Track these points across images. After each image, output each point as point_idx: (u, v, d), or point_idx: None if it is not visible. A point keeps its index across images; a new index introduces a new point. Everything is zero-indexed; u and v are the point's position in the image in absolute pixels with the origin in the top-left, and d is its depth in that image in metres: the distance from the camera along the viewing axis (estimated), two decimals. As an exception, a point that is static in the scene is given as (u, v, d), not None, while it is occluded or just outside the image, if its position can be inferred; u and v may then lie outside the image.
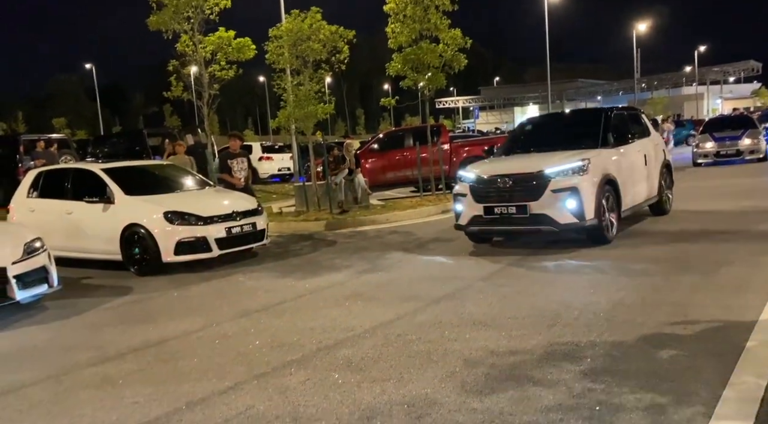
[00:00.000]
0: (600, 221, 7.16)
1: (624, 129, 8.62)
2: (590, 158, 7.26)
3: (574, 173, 7.12)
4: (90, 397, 3.98)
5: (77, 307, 6.58)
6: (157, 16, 12.74)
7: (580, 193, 6.98)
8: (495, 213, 7.36)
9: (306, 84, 12.62)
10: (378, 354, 4.29)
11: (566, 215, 7.01)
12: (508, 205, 7.25)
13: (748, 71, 69.49)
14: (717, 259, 6.26)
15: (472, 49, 14.02)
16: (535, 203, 7.08)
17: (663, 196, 9.21)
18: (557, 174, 7.13)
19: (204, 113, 13.33)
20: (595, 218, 7.07)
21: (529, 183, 7.17)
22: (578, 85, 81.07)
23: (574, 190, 6.98)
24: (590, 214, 7.03)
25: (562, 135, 8.62)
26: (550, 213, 7.04)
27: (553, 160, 7.38)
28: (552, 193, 7.04)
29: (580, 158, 7.25)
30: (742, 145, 17.82)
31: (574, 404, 3.25)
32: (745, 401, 3.12)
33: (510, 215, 7.25)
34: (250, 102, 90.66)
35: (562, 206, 7.01)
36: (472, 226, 7.64)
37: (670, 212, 9.38)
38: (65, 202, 8.87)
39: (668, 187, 9.51)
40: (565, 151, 7.68)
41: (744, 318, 4.38)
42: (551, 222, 7.05)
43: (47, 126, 63.27)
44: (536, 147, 8.37)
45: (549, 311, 4.94)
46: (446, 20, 12.82)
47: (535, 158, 7.82)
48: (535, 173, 7.21)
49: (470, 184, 7.63)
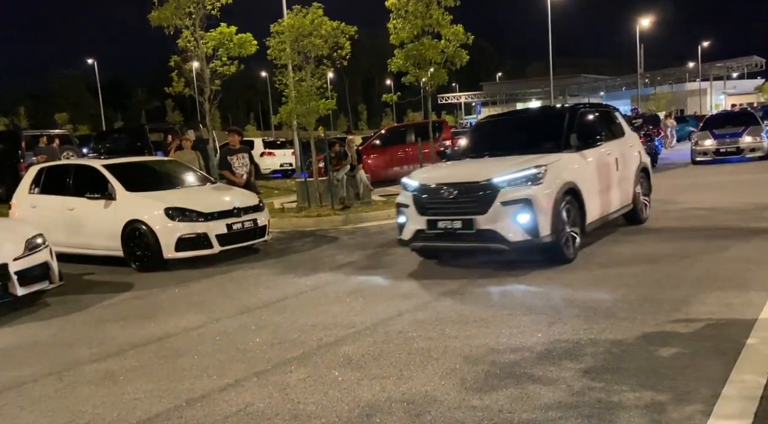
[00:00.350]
0: (558, 238, 6.24)
1: (592, 129, 7.70)
2: (547, 165, 6.37)
3: (527, 182, 6.21)
4: (91, 393, 3.99)
5: (78, 303, 6.60)
6: (159, 11, 12.74)
7: (534, 206, 6.07)
8: (438, 228, 6.44)
9: (308, 80, 12.60)
10: (378, 351, 4.29)
11: (517, 231, 6.11)
12: (452, 219, 6.36)
13: (751, 67, 69.21)
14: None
15: (474, 45, 13.97)
16: (482, 217, 6.17)
17: (639, 204, 8.31)
18: (507, 183, 6.21)
19: (205, 109, 13.34)
20: (552, 234, 6.15)
21: (476, 194, 6.26)
22: (581, 80, 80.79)
23: (526, 202, 6.07)
24: (546, 229, 6.11)
25: (522, 137, 7.69)
26: (499, 229, 6.12)
27: (503, 168, 6.46)
28: (501, 206, 6.12)
29: (534, 165, 6.34)
30: (743, 142, 17.22)
31: (574, 402, 3.25)
32: (744, 399, 3.12)
33: (455, 231, 6.35)
34: (252, 97, 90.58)
35: (513, 221, 6.10)
36: (415, 241, 6.71)
37: (647, 220, 8.52)
38: (67, 198, 8.88)
39: (645, 194, 8.61)
40: (522, 155, 6.75)
41: (744, 316, 4.38)
42: (500, 239, 6.14)
43: (49, 122, 63.32)
44: (492, 151, 7.42)
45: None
46: (448, 16, 12.78)
47: (485, 164, 6.95)
48: (482, 182, 6.28)
49: (413, 193, 6.71)
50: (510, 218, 6.11)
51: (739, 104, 44.13)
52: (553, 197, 6.21)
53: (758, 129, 17.52)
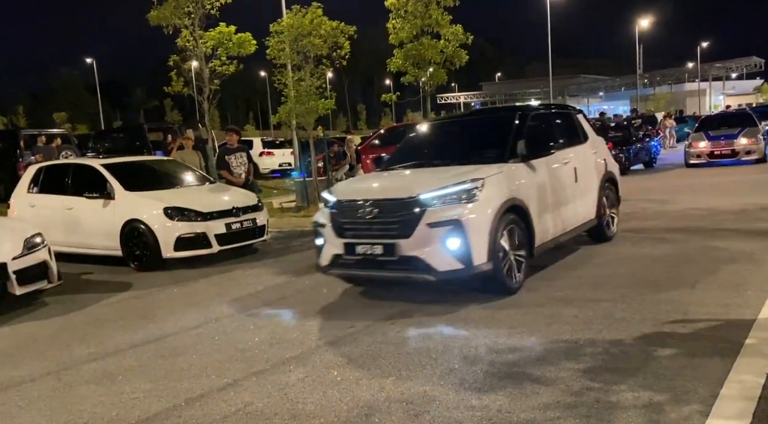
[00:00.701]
0: (497, 265, 5.26)
1: (546, 135, 6.80)
2: (484, 178, 5.37)
3: (460, 200, 5.23)
4: (89, 393, 3.99)
5: (77, 302, 6.59)
6: (158, 11, 12.75)
7: (466, 228, 5.09)
8: (357, 253, 5.46)
9: (307, 79, 12.61)
10: (377, 351, 4.29)
11: (446, 259, 5.13)
12: (372, 243, 5.37)
13: (750, 67, 69.28)
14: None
15: (474, 44, 14.00)
16: (405, 242, 5.19)
17: (604, 219, 7.38)
18: (436, 201, 5.22)
19: (204, 108, 13.34)
20: (490, 262, 5.18)
21: (399, 213, 5.27)
22: (580, 80, 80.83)
23: (456, 224, 5.10)
24: (481, 256, 5.13)
25: (464, 144, 6.75)
26: (424, 256, 5.13)
27: (433, 181, 5.47)
28: (428, 228, 5.14)
29: (468, 179, 5.35)
30: (738, 144, 16.42)
31: (572, 401, 3.26)
32: (742, 399, 3.13)
33: (375, 257, 5.37)
34: (251, 97, 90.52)
35: (441, 246, 5.12)
36: (332, 268, 5.71)
37: (614, 236, 7.59)
38: (65, 197, 8.88)
39: (612, 206, 7.66)
40: (462, 166, 5.81)
41: (743, 316, 4.39)
42: (426, 268, 5.15)
43: (48, 121, 63.28)
44: (429, 160, 6.46)
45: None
46: (447, 16, 12.81)
47: (414, 177, 6.02)
48: (406, 199, 5.28)
49: (331, 210, 5.75)
50: (438, 242, 5.13)
51: (738, 105, 44.10)
52: (491, 217, 5.23)
53: (755, 131, 16.82)
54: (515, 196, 5.59)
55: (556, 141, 6.85)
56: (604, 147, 7.95)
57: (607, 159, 7.70)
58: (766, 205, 9.28)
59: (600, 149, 7.68)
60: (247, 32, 13.17)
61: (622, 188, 8.06)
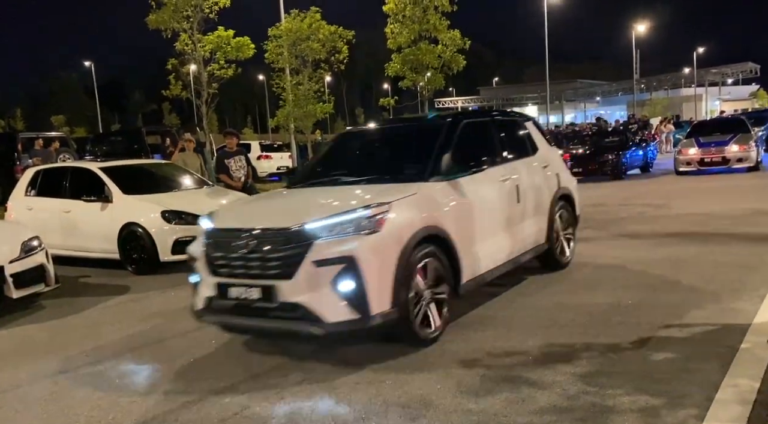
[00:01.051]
0: (404, 312, 4.17)
1: (482, 147, 5.70)
2: (391, 202, 4.30)
3: (356, 231, 4.12)
4: (86, 396, 3.99)
5: (74, 306, 6.59)
6: (157, 14, 12.79)
7: (361, 268, 4.00)
8: (231, 297, 4.33)
9: (305, 83, 12.67)
10: (374, 355, 4.30)
11: (337, 307, 4.02)
12: (249, 285, 4.24)
13: (746, 73, 69.50)
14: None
15: (471, 49, 14.07)
16: (287, 284, 4.08)
17: (556, 243, 6.33)
18: (325, 232, 4.12)
19: (203, 112, 13.36)
20: (394, 308, 4.10)
21: (281, 247, 4.17)
22: (577, 85, 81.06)
23: (349, 261, 4.00)
24: (382, 302, 4.06)
25: (383, 158, 5.87)
26: (309, 302, 4.03)
27: (327, 206, 4.45)
28: (314, 267, 4.04)
29: (374, 202, 4.27)
30: (729, 152, 15.67)
31: (569, 405, 3.27)
32: (737, 403, 3.14)
33: (251, 303, 4.24)
34: (249, 101, 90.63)
35: (331, 291, 4.02)
36: (206, 314, 4.56)
37: (570, 263, 6.52)
38: (63, 200, 8.87)
39: (568, 228, 6.62)
40: (374, 185, 4.85)
41: (738, 321, 4.41)
42: (312, 318, 4.03)
43: (46, 124, 63.26)
44: (341, 176, 5.40)
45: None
46: (445, 21, 12.88)
47: (309, 199, 4.99)
48: (289, 229, 4.19)
49: (205, 240, 4.63)
50: (326, 285, 4.02)
51: (734, 110, 44.24)
52: (398, 251, 4.16)
53: (747, 137, 16.08)
54: (435, 223, 4.56)
55: (495, 154, 5.79)
56: (557, 160, 6.97)
57: (560, 173, 6.68)
58: (761, 210, 9.33)
59: (552, 162, 6.66)
60: (245, 36, 13.21)
61: (622, 191, 7.91)
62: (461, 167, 5.11)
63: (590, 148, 17.84)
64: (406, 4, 12.57)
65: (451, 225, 4.71)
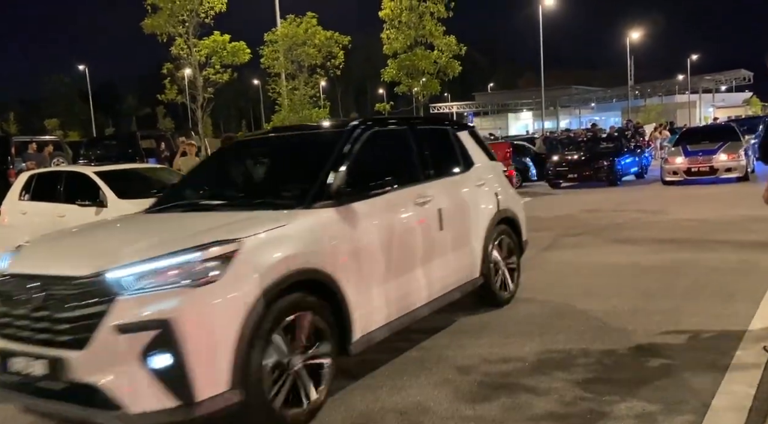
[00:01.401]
0: (254, 391, 3.10)
1: (395, 162, 4.68)
2: (240, 239, 3.21)
3: (180, 281, 3.01)
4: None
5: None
6: (152, 19, 12.80)
7: (181, 336, 2.89)
8: (11, 371, 3.18)
9: (301, 88, 12.69)
10: (372, 361, 4.29)
11: (147, 390, 2.90)
12: (33, 355, 3.10)
13: (739, 80, 70.06)
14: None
15: (467, 55, 14.12)
16: (77, 357, 2.96)
17: (495, 276, 5.29)
18: (135, 283, 2.99)
19: (198, 116, 13.35)
20: (236, 388, 3.02)
21: (72, 303, 3.04)
22: (572, 91, 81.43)
23: (165, 327, 2.89)
24: (214, 383, 2.98)
25: (262, 176, 4.95)
26: (108, 384, 2.90)
27: (146, 244, 3.26)
28: (116, 334, 2.91)
29: (210, 240, 3.16)
30: (717, 161, 14.71)
31: (566, 412, 3.27)
32: (734, 409, 3.15)
33: (35, 381, 3.11)
34: (244, 105, 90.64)
35: (139, 368, 2.90)
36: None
37: (512, 299, 5.50)
38: (57, 205, 8.82)
39: (510, 256, 5.56)
40: (237, 212, 3.82)
41: (733, 327, 4.42)
42: (109, 406, 2.91)
43: (40, 127, 63.06)
44: (206, 198, 4.49)
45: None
46: (441, 27, 12.93)
47: (130, 232, 3.92)
48: (82, 278, 3.06)
49: None
50: (132, 360, 2.90)
51: (728, 117, 44.52)
52: (243, 308, 3.06)
53: (736, 146, 15.17)
54: (311, 264, 3.48)
55: (411, 171, 4.68)
56: (498, 176, 5.74)
57: (501, 193, 5.52)
58: (755, 217, 9.36)
59: (490, 179, 5.51)
60: (241, 41, 13.22)
61: (617, 197, 7.87)
62: (360, 188, 3.97)
63: (585, 154, 17.92)
64: (402, 10, 12.62)
65: (338, 265, 3.63)
